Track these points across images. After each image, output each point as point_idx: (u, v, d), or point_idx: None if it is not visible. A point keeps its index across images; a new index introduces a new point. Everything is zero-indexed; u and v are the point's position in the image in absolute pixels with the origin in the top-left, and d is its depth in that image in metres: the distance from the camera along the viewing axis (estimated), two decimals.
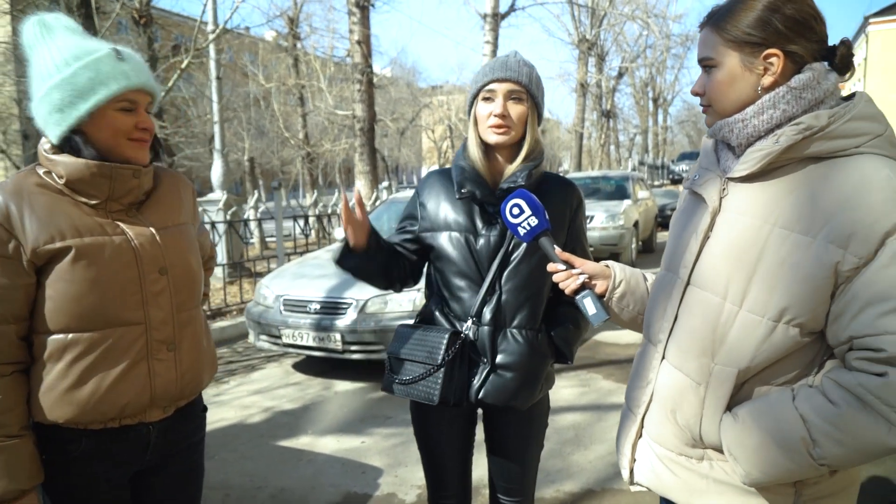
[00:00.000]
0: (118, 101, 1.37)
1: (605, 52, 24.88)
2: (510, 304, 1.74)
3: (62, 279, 1.35)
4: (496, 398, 1.74)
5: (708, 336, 1.16)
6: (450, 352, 1.69)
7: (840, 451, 1.04)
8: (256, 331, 5.27)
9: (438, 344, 1.70)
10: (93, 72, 1.34)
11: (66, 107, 1.34)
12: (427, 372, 1.70)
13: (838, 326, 1.06)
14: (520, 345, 1.74)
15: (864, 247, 1.02)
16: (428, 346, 1.73)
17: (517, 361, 1.73)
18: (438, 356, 1.69)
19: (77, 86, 1.34)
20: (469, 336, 1.73)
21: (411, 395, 1.75)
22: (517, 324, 1.75)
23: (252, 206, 9.97)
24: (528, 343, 1.75)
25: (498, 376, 1.73)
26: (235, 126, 20.80)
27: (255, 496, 3.24)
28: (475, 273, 1.75)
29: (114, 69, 1.36)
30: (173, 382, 1.48)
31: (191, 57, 7.11)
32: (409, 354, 1.77)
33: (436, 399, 1.69)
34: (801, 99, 1.11)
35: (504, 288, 1.73)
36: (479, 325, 1.73)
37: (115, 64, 1.37)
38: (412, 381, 1.73)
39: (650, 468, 1.29)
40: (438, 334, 1.73)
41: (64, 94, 1.34)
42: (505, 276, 1.74)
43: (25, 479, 1.35)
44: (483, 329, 1.73)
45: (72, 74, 1.34)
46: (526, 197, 1.49)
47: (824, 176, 1.09)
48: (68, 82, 1.34)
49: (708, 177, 1.24)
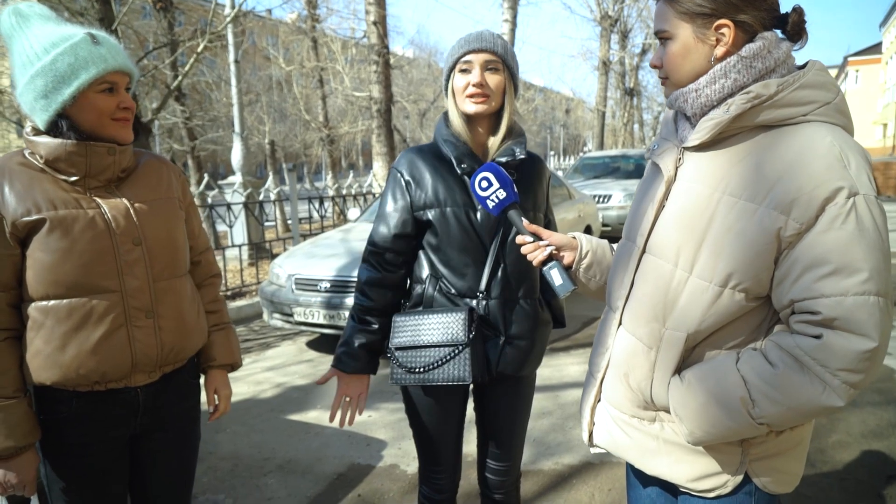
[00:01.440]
0: (99, 84, 1.44)
1: (629, 28, 24.40)
2: (515, 275, 1.77)
3: (39, 249, 1.44)
4: (514, 368, 1.80)
5: (659, 302, 1.18)
6: (472, 329, 1.70)
7: (777, 410, 1.06)
8: (270, 309, 5.39)
9: (456, 323, 1.70)
10: (71, 57, 1.41)
11: (50, 93, 1.42)
12: (452, 353, 1.69)
13: (781, 291, 1.09)
14: (528, 314, 1.80)
15: (805, 213, 1.04)
16: (441, 327, 1.71)
17: (528, 330, 1.80)
18: (461, 335, 1.68)
19: (58, 72, 1.40)
20: (479, 311, 1.76)
21: (436, 381, 1.72)
22: (522, 294, 1.80)
23: (270, 188, 10.09)
24: (534, 311, 1.82)
25: (513, 347, 1.78)
26: (258, 110, 20.95)
27: (263, 466, 3.35)
28: (478, 248, 1.76)
29: (91, 53, 1.42)
30: (154, 348, 1.55)
31: (206, 41, 7.17)
32: (420, 341, 1.74)
33: (468, 378, 1.68)
34: (752, 68, 1.12)
35: (508, 260, 1.76)
36: (488, 300, 1.75)
37: (91, 48, 1.43)
38: (436, 366, 1.71)
39: (607, 431, 1.33)
40: (452, 314, 1.72)
41: (47, 81, 1.41)
42: (507, 248, 1.76)
43: (21, 437, 1.45)
44: (493, 303, 1.76)
45: (52, 61, 1.40)
46: (494, 170, 1.52)
47: (771, 144, 1.10)
48: (49, 69, 1.40)
49: (666, 147, 1.26)
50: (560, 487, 3.03)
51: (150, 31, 12.99)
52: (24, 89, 1.44)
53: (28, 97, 1.44)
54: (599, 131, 22.87)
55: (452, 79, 1.76)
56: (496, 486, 2.00)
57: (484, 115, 1.76)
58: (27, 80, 1.42)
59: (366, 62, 17.32)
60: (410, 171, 1.81)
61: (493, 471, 1.99)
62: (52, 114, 1.43)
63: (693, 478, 1.20)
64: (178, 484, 1.74)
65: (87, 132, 1.46)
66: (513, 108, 1.78)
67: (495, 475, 1.99)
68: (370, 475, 3.23)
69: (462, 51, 1.73)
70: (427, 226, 1.79)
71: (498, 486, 2.00)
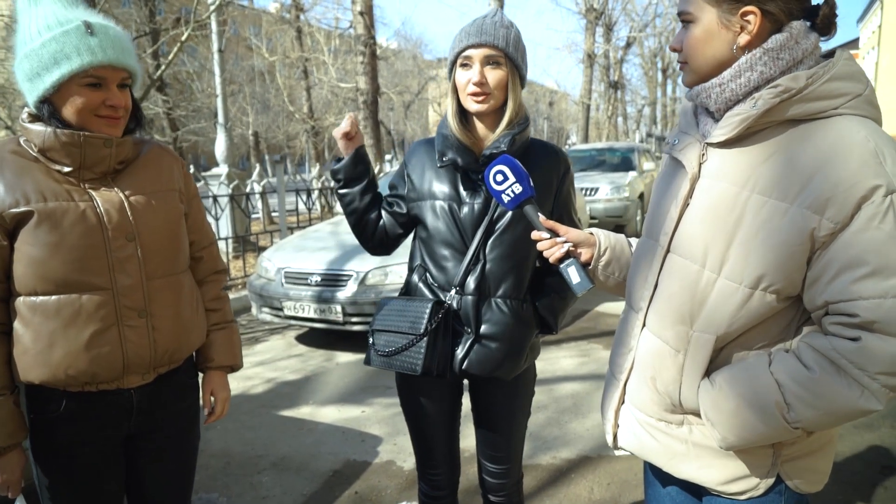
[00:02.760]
0: (83, 77, 1.36)
1: (614, 21, 24.40)
2: (494, 273, 1.72)
3: (27, 242, 1.38)
4: (480, 369, 1.73)
5: (686, 303, 1.15)
6: (433, 321, 1.68)
7: (813, 414, 1.04)
8: (259, 303, 5.31)
9: (421, 313, 1.69)
10: (58, 45, 1.34)
11: (33, 77, 1.36)
12: (410, 342, 1.69)
13: (814, 292, 1.06)
14: (504, 315, 1.73)
15: (840, 212, 1.01)
16: (410, 316, 1.72)
17: (502, 331, 1.72)
18: (421, 326, 1.68)
19: (42, 58, 1.34)
20: (452, 306, 1.72)
21: (393, 367, 1.74)
22: (501, 293, 1.73)
23: (256, 181, 9.96)
24: (513, 313, 1.74)
25: (482, 346, 1.72)
26: (240, 101, 20.69)
27: (257, 464, 3.30)
28: (459, 242, 1.73)
29: (80, 43, 1.35)
30: (146, 349, 1.49)
31: (191, 29, 7.03)
32: (391, 325, 1.75)
33: (419, 369, 1.68)
34: (779, 60, 1.09)
35: (488, 257, 1.71)
36: (462, 295, 1.72)
37: (82, 38, 1.35)
38: (394, 353, 1.72)
39: (632, 433, 1.29)
40: (421, 304, 1.72)
41: (32, 65, 1.35)
42: (489, 244, 1.72)
43: (6, 437, 1.41)
44: (467, 298, 1.71)
45: (40, 45, 1.34)
46: (510, 163, 1.47)
47: (802, 139, 1.07)
48: (36, 53, 1.35)
49: (687, 141, 1.23)
50: (559, 482, 3.02)
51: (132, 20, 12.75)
52: (16, 67, 1.39)
53: (19, 76, 1.39)
54: (584, 124, 22.89)
55: (455, 73, 1.71)
56: (495, 488, 1.96)
57: (487, 113, 1.71)
58: (19, 60, 1.38)
59: (351, 53, 17.15)
60: (411, 161, 1.85)
61: (490, 473, 1.95)
62: (34, 98, 1.38)
63: (724, 481, 1.18)
64: (177, 485, 1.69)
65: (69, 123, 1.40)
66: (518, 102, 1.71)
67: (493, 478, 1.95)
68: (366, 472, 3.19)
69: (462, 45, 1.67)
70: (417, 218, 1.81)
71: (497, 489, 1.96)
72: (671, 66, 36.14)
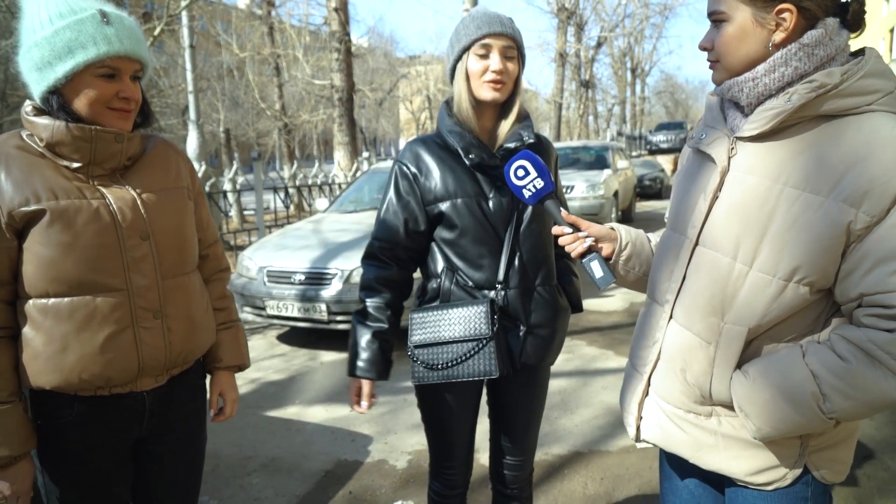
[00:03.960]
0: (98, 68, 1.31)
1: (585, 21, 24.68)
2: (532, 263, 1.75)
3: (38, 242, 1.32)
4: (536, 358, 1.77)
5: (717, 296, 1.16)
6: (495, 322, 1.66)
7: (849, 405, 1.06)
8: (240, 303, 5.22)
9: (478, 316, 1.66)
10: (73, 33, 1.28)
11: (43, 67, 1.30)
12: (477, 347, 1.66)
13: (848, 284, 1.07)
14: (547, 302, 1.77)
15: (878, 205, 1.02)
16: (462, 322, 1.67)
17: (549, 318, 1.77)
18: (484, 328, 1.65)
19: (55, 47, 1.28)
20: (498, 302, 1.71)
21: (461, 377, 1.68)
22: (540, 282, 1.77)
23: (230, 178, 9.81)
24: (554, 299, 1.79)
25: (535, 337, 1.76)
26: (210, 97, 20.33)
27: (246, 465, 3.24)
28: (492, 238, 1.71)
29: (96, 32, 1.29)
30: (162, 351, 1.44)
31: (164, 24, 6.89)
32: (442, 337, 1.69)
33: (495, 372, 1.65)
34: (814, 56, 1.10)
35: (523, 248, 1.73)
36: (507, 290, 1.72)
37: (98, 27, 1.30)
38: (460, 362, 1.67)
39: (658, 425, 1.30)
40: (472, 307, 1.68)
41: (43, 54, 1.29)
42: (521, 236, 1.73)
43: (17, 445, 1.34)
44: (511, 292, 1.72)
45: (52, 34, 1.28)
46: (531, 158, 1.46)
47: (836, 135, 1.08)
48: (48, 41, 1.28)
49: (715, 135, 1.23)
50: (552, 478, 3.03)
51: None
52: (22, 56, 1.32)
53: (25, 66, 1.32)
54: (556, 123, 23.09)
55: (466, 61, 1.69)
56: (511, 481, 1.96)
57: (495, 104, 1.71)
58: (26, 48, 1.31)
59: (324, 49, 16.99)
60: (416, 164, 1.76)
61: (508, 466, 1.95)
62: (43, 89, 1.31)
63: (752, 471, 1.19)
64: (185, 488, 1.65)
65: (79, 116, 1.34)
66: (522, 97, 1.76)
67: (511, 470, 1.95)
68: (359, 471, 3.16)
69: (481, 32, 1.65)
70: (439, 219, 1.75)
71: (512, 482, 1.97)
72: (640, 67, 36.67)
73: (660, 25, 31.89)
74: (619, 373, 4.36)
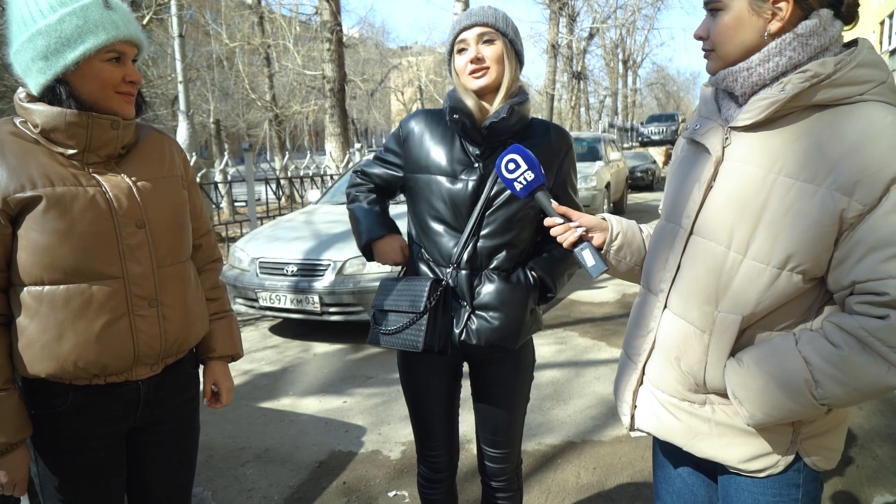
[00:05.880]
0: (107, 52, 1.32)
1: (577, 12, 24.64)
2: (487, 248, 1.75)
3: (34, 229, 1.31)
4: (479, 338, 1.74)
5: (712, 284, 1.17)
6: (431, 299, 1.71)
7: (841, 391, 1.07)
8: (232, 294, 5.20)
9: (420, 292, 1.73)
10: (80, 19, 1.28)
11: (51, 55, 1.29)
12: (410, 321, 1.73)
13: (841, 272, 1.09)
14: (496, 282, 1.75)
15: (869, 194, 1.03)
16: (410, 295, 1.76)
17: (496, 299, 1.74)
18: (420, 304, 1.71)
19: (64, 33, 1.27)
20: (450, 282, 1.75)
21: (396, 345, 1.78)
22: (494, 266, 1.76)
23: (221, 169, 9.75)
24: (504, 280, 1.76)
25: (478, 317, 1.74)
26: (199, 87, 20.16)
27: (240, 456, 3.25)
28: (453, 218, 1.75)
29: (102, 17, 1.30)
30: (157, 339, 1.44)
31: (152, 13, 6.82)
32: (392, 305, 1.79)
33: (420, 346, 1.71)
34: (807, 46, 1.10)
35: (482, 233, 1.74)
36: (458, 270, 1.75)
37: (103, 12, 1.30)
38: (396, 331, 1.76)
39: (652, 413, 1.31)
40: (420, 283, 1.76)
41: (49, 42, 1.28)
42: (484, 221, 1.74)
43: (12, 433, 1.34)
44: (461, 273, 1.75)
45: (58, 21, 1.27)
46: (521, 152, 1.48)
47: (829, 124, 1.09)
48: (54, 29, 1.27)
49: (709, 126, 1.24)
50: (545, 468, 3.05)
51: None
52: (20, 48, 1.31)
53: (24, 57, 1.31)
54: (548, 114, 23.06)
55: (454, 61, 1.76)
56: (495, 473, 1.96)
57: (490, 89, 1.72)
58: (26, 39, 1.29)
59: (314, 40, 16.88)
60: (411, 129, 1.84)
61: (490, 458, 1.95)
62: (49, 78, 1.30)
63: (745, 459, 1.21)
64: (179, 477, 1.65)
65: (87, 103, 1.34)
66: (512, 76, 1.73)
67: (494, 462, 1.95)
68: (353, 462, 3.17)
69: (456, 31, 1.74)
70: (412, 189, 1.82)
71: (497, 474, 1.97)
72: (631, 58, 36.68)
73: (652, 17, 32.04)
74: (611, 363, 4.39)
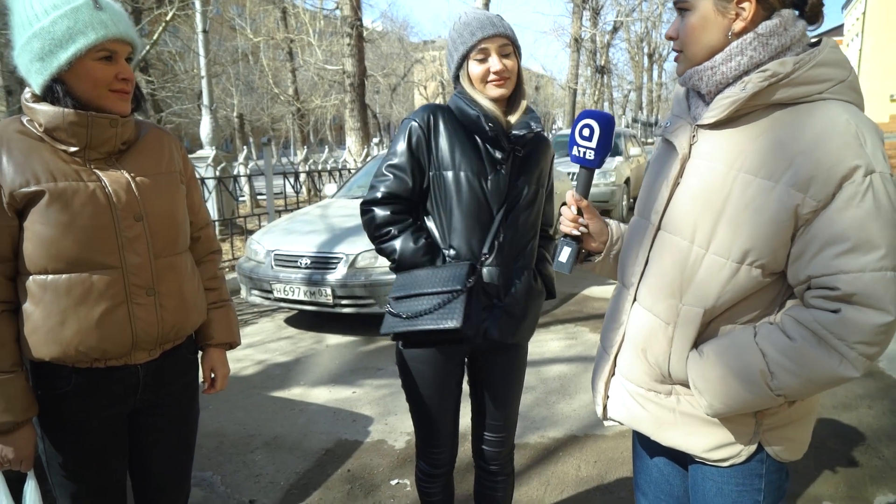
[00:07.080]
0: (97, 51, 1.39)
1: (600, 5, 24.37)
2: (515, 245, 1.82)
3: (38, 222, 1.40)
4: (505, 335, 1.83)
5: (676, 278, 1.20)
6: (470, 279, 1.69)
7: (795, 382, 1.10)
8: (248, 286, 5.32)
9: (458, 274, 1.69)
10: (71, 21, 1.36)
11: (45, 56, 1.37)
12: (448, 298, 1.66)
13: (798, 267, 1.11)
14: (524, 285, 1.84)
15: (823, 190, 1.06)
16: (442, 278, 1.70)
17: (523, 300, 1.84)
18: (459, 283, 1.67)
19: (55, 35, 1.35)
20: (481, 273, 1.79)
21: (425, 325, 1.66)
22: (520, 265, 1.84)
23: (242, 163, 9.90)
24: (530, 283, 1.86)
25: (506, 314, 1.82)
26: (224, 82, 20.44)
27: (249, 443, 3.34)
28: (485, 214, 1.78)
29: (92, 18, 1.37)
30: (154, 326, 1.52)
31: (175, 8, 6.96)
32: (419, 289, 1.71)
33: (459, 322, 1.62)
34: (768, 45, 1.13)
35: (510, 230, 1.80)
36: (488, 266, 1.79)
37: (92, 13, 1.38)
38: (428, 312, 1.66)
39: (622, 404, 1.35)
40: (454, 267, 1.72)
41: (43, 43, 1.36)
42: (510, 218, 1.80)
43: (20, 412, 1.43)
44: (493, 269, 1.79)
45: (50, 23, 1.35)
46: (606, 124, 1.41)
47: (789, 122, 1.12)
48: (47, 31, 1.36)
49: (679, 124, 1.27)
50: (547, 460, 3.10)
51: None
52: (20, 50, 1.39)
53: (24, 59, 1.39)
54: (571, 109, 22.93)
55: (468, 67, 1.77)
56: (492, 457, 2.03)
57: (503, 98, 1.80)
58: (24, 41, 1.38)
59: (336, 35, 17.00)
60: (430, 125, 1.81)
61: (489, 442, 2.02)
62: (46, 78, 1.39)
63: (708, 448, 1.24)
64: (179, 459, 1.73)
65: (82, 101, 1.42)
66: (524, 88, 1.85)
67: (491, 447, 2.02)
68: (358, 451, 3.24)
69: (475, 38, 1.74)
70: (438, 185, 1.80)
71: (494, 458, 2.04)
72: (657, 52, 36.21)
73: None
74: None
